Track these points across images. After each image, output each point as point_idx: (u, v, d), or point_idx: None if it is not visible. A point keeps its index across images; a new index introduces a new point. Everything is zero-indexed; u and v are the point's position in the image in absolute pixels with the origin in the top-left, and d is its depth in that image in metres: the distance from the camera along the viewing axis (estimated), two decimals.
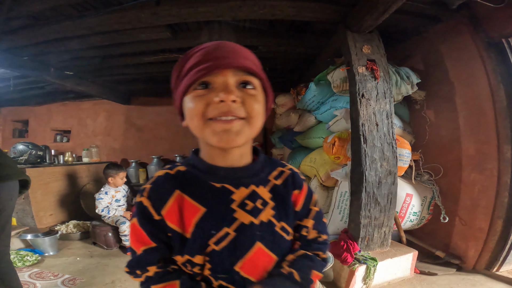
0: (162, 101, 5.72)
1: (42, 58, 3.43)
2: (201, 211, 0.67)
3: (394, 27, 2.70)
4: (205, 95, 0.64)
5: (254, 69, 0.66)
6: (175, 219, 0.67)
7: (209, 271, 0.67)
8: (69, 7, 2.46)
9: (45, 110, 6.03)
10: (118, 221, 3.23)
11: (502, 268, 2.38)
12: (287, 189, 0.75)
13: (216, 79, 0.64)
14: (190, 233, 0.67)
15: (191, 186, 0.69)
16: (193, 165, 0.73)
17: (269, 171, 0.76)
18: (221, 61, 0.64)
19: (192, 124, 0.67)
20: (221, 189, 0.69)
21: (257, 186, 0.71)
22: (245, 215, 0.68)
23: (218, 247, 0.66)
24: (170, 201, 0.67)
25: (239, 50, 0.68)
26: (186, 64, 0.67)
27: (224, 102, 0.62)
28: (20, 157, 3.93)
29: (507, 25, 2.22)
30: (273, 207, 0.71)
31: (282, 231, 0.72)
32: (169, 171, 0.72)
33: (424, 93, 2.81)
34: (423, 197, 2.71)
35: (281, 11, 2.34)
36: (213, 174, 0.70)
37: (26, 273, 2.52)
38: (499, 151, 2.32)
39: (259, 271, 0.69)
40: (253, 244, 0.68)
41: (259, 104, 0.67)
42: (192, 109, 0.65)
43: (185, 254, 0.67)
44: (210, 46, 0.67)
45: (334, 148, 2.71)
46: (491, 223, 2.36)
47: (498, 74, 2.32)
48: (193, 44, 3.12)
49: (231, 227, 0.67)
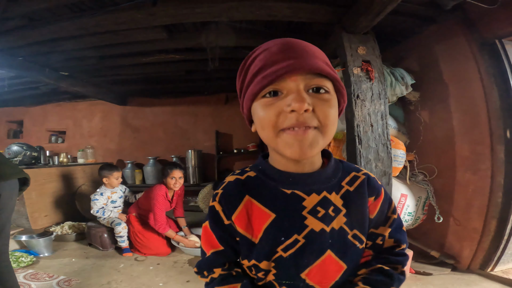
0: (159, 101, 5.71)
1: (38, 58, 3.41)
2: (271, 217, 0.66)
3: (389, 28, 2.72)
4: (275, 103, 0.60)
5: (327, 70, 0.61)
6: (244, 224, 0.67)
7: (273, 277, 0.66)
8: (65, 8, 2.45)
9: (40, 110, 6.00)
10: (114, 222, 3.21)
11: (497, 268, 2.39)
12: (361, 196, 0.70)
13: (285, 85, 0.59)
14: (258, 238, 0.66)
15: (261, 192, 0.68)
16: (262, 170, 0.71)
17: (341, 176, 0.71)
18: (291, 63, 0.58)
19: (263, 134, 0.64)
20: (292, 195, 0.66)
21: (329, 192, 0.68)
22: (316, 222, 0.65)
23: (285, 254, 0.64)
24: (240, 207, 0.67)
25: (307, 49, 0.63)
26: (251, 68, 0.63)
27: (295, 111, 0.57)
28: (15, 158, 3.90)
29: (500, 26, 2.24)
30: (345, 214, 0.68)
31: (354, 239, 0.68)
32: (239, 177, 0.71)
33: (419, 94, 2.83)
34: (418, 198, 2.72)
35: (278, 12, 2.35)
36: (283, 180, 0.67)
37: (21, 274, 2.50)
38: (492, 151, 2.34)
39: (326, 279, 0.66)
40: (323, 252, 0.65)
41: (333, 110, 0.62)
42: (262, 119, 0.62)
43: (252, 259, 0.66)
44: (274, 46, 0.62)
45: (329, 148, 2.72)
46: (485, 223, 2.38)
47: (491, 75, 2.34)
48: (190, 44, 3.17)
49: (301, 234, 0.65)
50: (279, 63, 0.59)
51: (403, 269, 0.71)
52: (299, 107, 0.56)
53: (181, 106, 5.68)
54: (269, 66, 0.59)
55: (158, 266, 2.80)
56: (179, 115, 5.68)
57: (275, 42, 0.63)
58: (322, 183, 0.68)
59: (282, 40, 0.63)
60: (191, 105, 5.66)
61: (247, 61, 0.66)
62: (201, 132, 5.64)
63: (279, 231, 0.65)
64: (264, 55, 0.62)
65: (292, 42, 0.63)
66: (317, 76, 0.60)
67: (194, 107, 5.65)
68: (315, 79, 0.60)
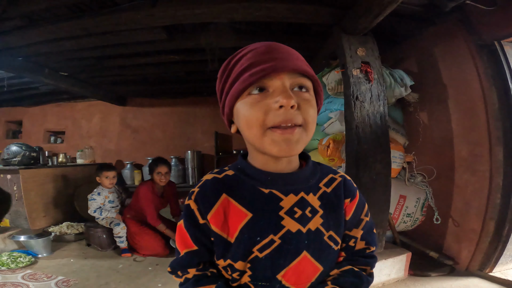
0: (158, 102, 5.72)
1: (37, 59, 3.41)
2: (248, 216, 0.65)
3: (388, 30, 2.73)
4: (262, 100, 0.61)
5: (310, 72, 0.64)
6: (220, 223, 0.66)
7: (249, 278, 0.65)
8: (65, 8, 2.45)
9: (39, 111, 6.00)
10: (112, 223, 3.21)
11: (495, 269, 2.40)
12: (338, 197, 0.71)
13: (272, 82, 0.61)
14: (234, 238, 0.65)
15: (238, 191, 0.68)
16: (241, 169, 0.71)
17: (319, 177, 0.72)
18: (277, 63, 0.60)
19: (249, 133, 0.64)
20: (269, 195, 0.66)
21: (307, 193, 0.68)
22: (293, 223, 0.65)
23: (261, 254, 0.64)
24: (216, 205, 0.66)
25: (291, 52, 0.65)
26: (236, 67, 0.64)
27: (283, 107, 0.59)
28: (14, 158, 3.89)
29: (499, 28, 2.25)
30: (322, 215, 0.68)
31: (330, 240, 0.68)
32: (217, 175, 0.71)
33: (418, 95, 2.83)
34: (417, 199, 2.73)
35: (277, 13, 2.36)
36: (261, 179, 0.68)
37: (19, 275, 2.50)
38: (491, 152, 2.35)
39: (302, 281, 0.66)
40: (299, 253, 0.65)
41: (314, 109, 0.64)
42: (249, 117, 0.62)
43: (228, 259, 0.65)
44: (261, 47, 0.64)
45: (328, 150, 2.72)
46: (484, 224, 2.39)
47: (490, 77, 2.35)
48: (189, 45, 3.17)
49: (277, 234, 0.64)
50: (266, 62, 0.61)
51: (371, 271, 0.74)
52: (287, 102, 0.58)
53: (180, 107, 5.69)
54: (256, 65, 0.61)
55: (157, 267, 2.79)
56: (179, 116, 5.69)
57: (260, 44, 0.66)
58: (300, 183, 0.69)
59: (266, 43, 0.66)
60: (190, 106, 5.67)
61: (231, 62, 0.67)
62: (200, 133, 5.65)
63: (255, 230, 0.65)
64: (251, 55, 0.63)
65: (277, 44, 0.66)
66: (301, 76, 0.63)
67: (194, 108, 5.66)
68: (298, 78, 0.63)
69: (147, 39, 2.92)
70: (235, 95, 0.63)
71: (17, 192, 3.60)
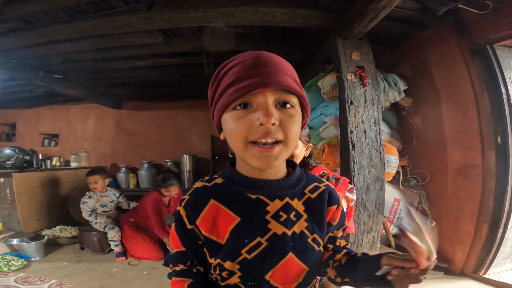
0: (154, 105, 5.69)
1: (32, 61, 3.40)
2: (236, 220, 0.70)
3: (382, 34, 2.76)
4: (245, 116, 0.64)
5: (295, 87, 0.65)
6: (208, 227, 0.70)
7: (238, 279, 0.70)
8: (61, 11, 2.45)
9: (33, 113, 5.94)
10: (107, 227, 3.19)
11: (489, 271, 2.42)
12: (322, 203, 0.76)
13: (256, 99, 0.63)
14: (225, 239, 0.70)
15: (227, 197, 0.72)
16: (229, 176, 0.75)
17: (305, 184, 0.77)
18: (263, 78, 0.62)
19: (233, 145, 0.67)
20: (256, 200, 0.71)
21: (292, 198, 0.73)
22: (278, 226, 0.70)
23: (250, 256, 0.68)
24: (204, 211, 0.71)
25: (279, 65, 0.66)
26: (224, 79, 0.67)
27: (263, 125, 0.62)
28: (7, 161, 3.86)
29: (491, 32, 2.29)
30: (306, 219, 0.73)
31: (313, 242, 0.74)
32: (206, 184, 0.75)
33: (411, 99, 2.87)
34: (411, 202, 2.75)
35: (273, 17, 2.37)
36: (249, 185, 0.72)
37: (11, 278, 2.47)
38: (483, 156, 2.38)
39: (289, 281, 0.71)
40: (285, 254, 0.70)
41: (297, 125, 0.67)
42: (233, 131, 0.65)
43: (218, 258, 0.70)
44: (248, 59, 0.65)
45: (323, 154, 2.73)
46: (477, 227, 2.41)
47: (482, 81, 2.39)
48: (185, 49, 3.18)
49: (264, 237, 0.69)
50: (251, 78, 0.62)
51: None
52: (267, 121, 0.61)
53: (176, 110, 5.67)
54: (241, 80, 0.63)
55: (152, 271, 2.78)
56: (174, 119, 5.67)
57: (250, 55, 0.66)
58: (285, 189, 0.73)
59: (255, 53, 0.67)
60: (186, 109, 5.65)
61: (220, 72, 0.69)
62: (196, 137, 5.64)
63: (244, 233, 0.69)
64: (238, 68, 0.65)
65: (266, 57, 0.66)
66: (285, 92, 0.65)
67: (190, 111, 5.65)
68: (283, 95, 0.64)
69: (143, 42, 2.93)
70: (221, 108, 0.66)
71: (10, 196, 3.56)
